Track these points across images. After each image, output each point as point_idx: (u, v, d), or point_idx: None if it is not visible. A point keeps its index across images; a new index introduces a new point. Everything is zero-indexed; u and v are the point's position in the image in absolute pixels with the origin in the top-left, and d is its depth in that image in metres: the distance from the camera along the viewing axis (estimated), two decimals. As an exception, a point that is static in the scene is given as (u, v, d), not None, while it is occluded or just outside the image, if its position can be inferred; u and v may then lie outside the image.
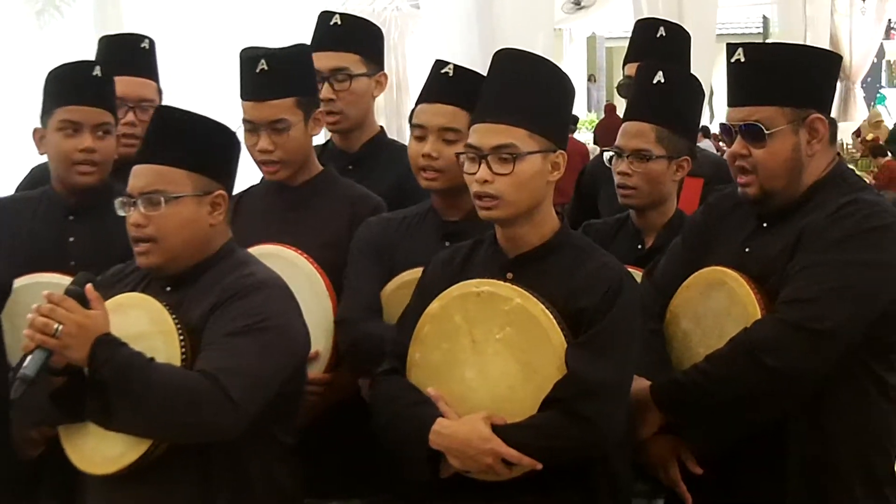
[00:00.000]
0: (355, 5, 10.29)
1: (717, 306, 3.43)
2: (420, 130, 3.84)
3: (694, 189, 4.43)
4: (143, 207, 3.39)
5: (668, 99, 4.07)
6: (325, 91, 4.40)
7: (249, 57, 4.04)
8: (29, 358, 3.21)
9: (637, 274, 3.69)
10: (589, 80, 31.99)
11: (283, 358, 3.40)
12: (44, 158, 4.24)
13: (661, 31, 4.94)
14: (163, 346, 3.31)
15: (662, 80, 4.08)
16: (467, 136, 3.58)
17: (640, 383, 3.39)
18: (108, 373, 3.21)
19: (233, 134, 3.57)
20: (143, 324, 3.36)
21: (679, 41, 5.01)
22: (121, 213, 3.44)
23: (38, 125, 4.14)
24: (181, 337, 3.33)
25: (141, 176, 3.43)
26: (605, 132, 20.11)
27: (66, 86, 4.12)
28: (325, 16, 4.54)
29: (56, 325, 3.21)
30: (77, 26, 7.59)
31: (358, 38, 4.55)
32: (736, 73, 3.42)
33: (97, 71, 4.13)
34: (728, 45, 3.46)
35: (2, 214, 4.15)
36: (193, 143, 3.45)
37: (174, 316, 3.36)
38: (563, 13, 20.55)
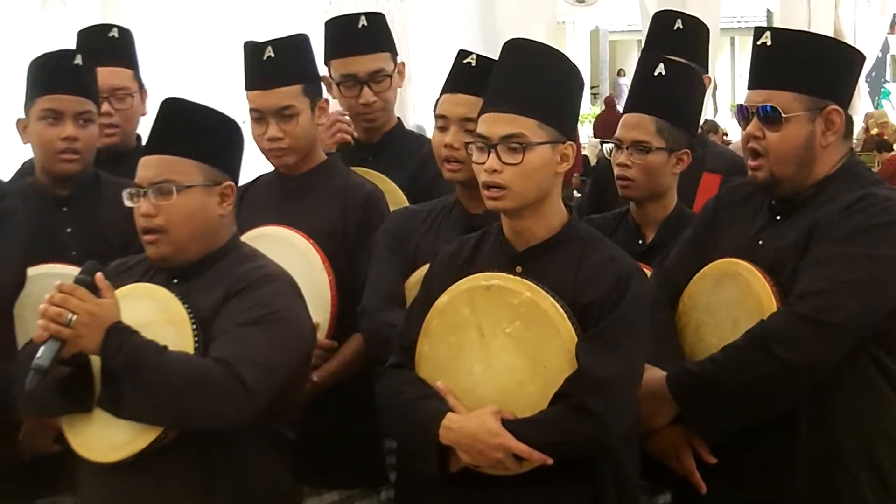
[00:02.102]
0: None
1: (731, 298, 3.44)
2: (443, 121, 3.85)
3: (712, 185, 4.43)
4: (153, 197, 3.39)
5: (669, 91, 4.07)
6: (367, 95, 4.45)
7: (254, 46, 4.06)
8: (42, 348, 3.21)
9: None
10: (618, 74, 31.96)
11: (292, 350, 3.42)
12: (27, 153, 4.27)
13: (679, 24, 4.92)
14: (173, 334, 3.31)
15: (664, 73, 4.08)
16: None
17: (655, 373, 3.40)
18: (121, 360, 3.22)
19: (237, 125, 3.57)
20: (150, 313, 3.35)
21: (697, 34, 4.98)
22: (129, 203, 3.44)
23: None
24: (194, 326, 3.33)
25: (150, 166, 3.43)
26: (603, 125, 20.15)
27: (47, 75, 4.14)
28: (350, 19, 4.56)
29: (69, 315, 3.21)
30: (81, 16, 7.60)
31: (383, 35, 4.59)
32: (760, 57, 3.45)
33: (78, 60, 4.14)
34: (756, 28, 3.49)
35: None
36: (202, 134, 3.46)
37: (186, 305, 3.36)
38: (567, 5, 20.53)
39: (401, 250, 3.85)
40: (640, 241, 4.09)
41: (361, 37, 4.51)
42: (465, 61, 3.87)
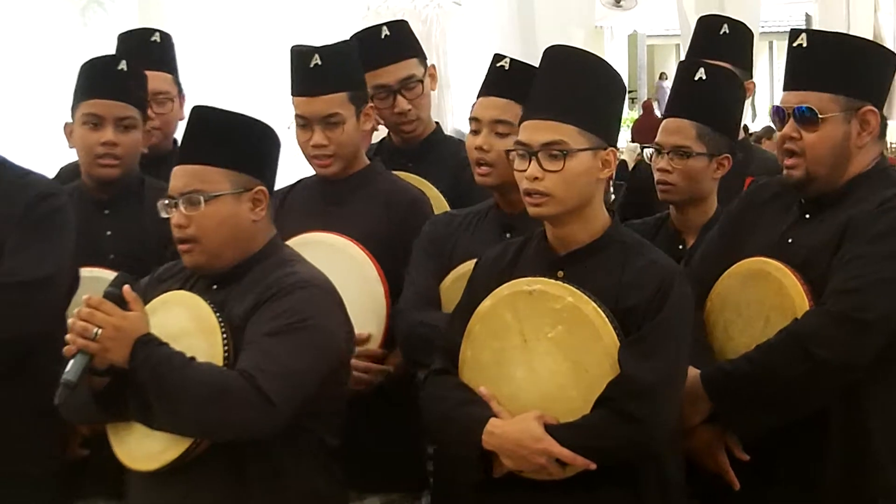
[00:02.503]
0: (397, 3, 10.31)
1: (761, 296, 3.44)
2: (475, 124, 3.87)
3: None
4: (183, 208, 3.39)
5: (709, 96, 4.06)
6: (401, 104, 4.46)
7: (301, 53, 4.05)
8: (71, 362, 3.23)
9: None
10: (660, 77, 31.87)
11: (321, 358, 3.38)
12: (72, 157, 4.29)
13: (725, 28, 4.89)
14: (205, 344, 3.31)
15: (704, 77, 4.08)
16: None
17: (689, 372, 3.38)
18: (146, 373, 3.23)
19: (269, 129, 3.56)
20: (184, 322, 3.36)
21: (741, 39, 4.96)
22: (164, 215, 3.44)
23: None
24: (224, 335, 3.33)
25: (180, 177, 3.43)
26: (641, 129, 20.11)
27: (90, 80, 4.17)
28: (372, 32, 4.57)
29: (94, 329, 3.22)
30: (121, 21, 7.62)
31: (409, 41, 4.61)
32: (796, 58, 3.46)
33: (122, 65, 4.16)
34: (791, 30, 3.51)
35: None
36: (228, 141, 3.45)
37: (218, 314, 3.35)
38: (605, 10, 20.51)
39: (437, 254, 3.86)
40: (681, 247, 4.08)
41: (386, 47, 4.52)
42: (498, 65, 3.89)
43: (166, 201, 3.43)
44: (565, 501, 3.21)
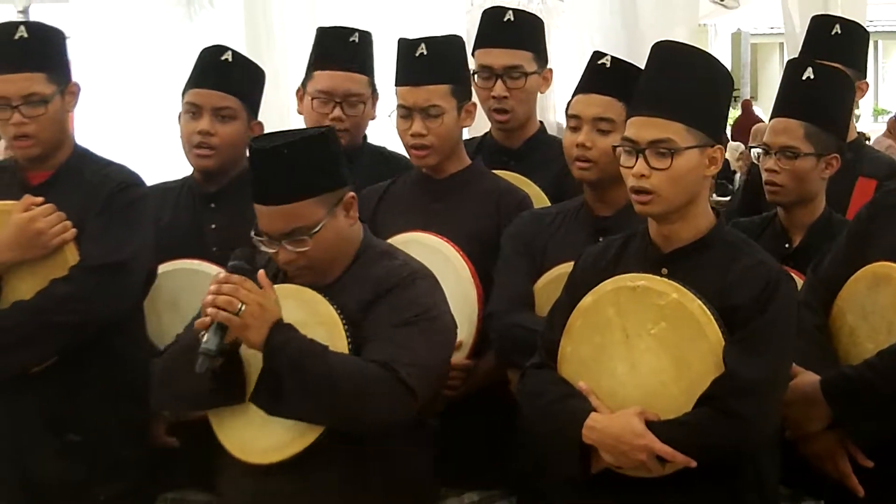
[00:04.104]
0: (502, -1, 10.31)
1: (886, 301, 3.40)
2: (575, 121, 3.86)
3: (867, 190, 4.39)
4: (289, 246, 3.38)
5: (818, 96, 4.03)
6: (498, 89, 4.44)
7: (408, 43, 4.08)
8: (207, 335, 3.24)
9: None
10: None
11: (445, 346, 3.49)
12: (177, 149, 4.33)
13: (837, 29, 4.86)
14: (325, 335, 3.34)
15: (812, 77, 4.05)
16: (621, 126, 3.57)
17: (809, 377, 3.37)
18: (286, 358, 3.25)
19: (323, 132, 3.53)
20: (299, 314, 3.37)
21: (854, 39, 4.93)
22: (265, 249, 3.42)
23: None
24: (346, 328, 3.36)
25: (273, 219, 3.37)
26: (740, 129, 19.94)
27: (195, 70, 4.21)
28: (496, 12, 4.57)
29: (240, 305, 3.24)
30: (227, 16, 7.67)
31: (530, 35, 4.58)
32: None
33: (227, 56, 4.18)
34: None
35: None
36: (310, 168, 3.39)
37: (336, 307, 3.39)
38: (708, 7, 20.38)
39: (528, 253, 3.86)
40: (787, 245, 4.06)
41: (504, 30, 4.51)
42: (599, 62, 3.88)
43: (264, 239, 3.40)
44: (660, 498, 3.20)
